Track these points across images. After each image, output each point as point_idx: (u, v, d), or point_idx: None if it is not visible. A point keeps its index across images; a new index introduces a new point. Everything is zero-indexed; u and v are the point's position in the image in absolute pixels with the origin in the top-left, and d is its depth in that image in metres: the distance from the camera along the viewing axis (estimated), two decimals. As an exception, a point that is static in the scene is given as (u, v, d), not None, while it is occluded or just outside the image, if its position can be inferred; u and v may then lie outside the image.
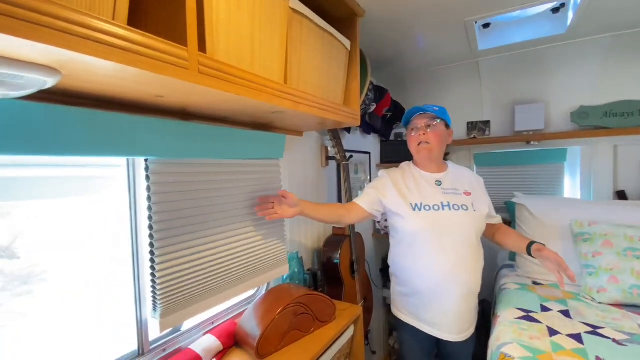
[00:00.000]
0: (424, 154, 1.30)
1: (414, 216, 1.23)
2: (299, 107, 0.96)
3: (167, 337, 1.01)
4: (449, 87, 2.41)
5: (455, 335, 1.24)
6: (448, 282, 1.20)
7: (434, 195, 1.27)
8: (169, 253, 0.91)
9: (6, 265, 0.80)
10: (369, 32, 1.60)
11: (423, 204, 1.25)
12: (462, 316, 1.24)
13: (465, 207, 1.25)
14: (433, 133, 1.27)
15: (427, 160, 1.32)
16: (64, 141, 0.67)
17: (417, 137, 1.29)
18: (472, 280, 1.23)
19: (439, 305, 1.23)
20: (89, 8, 0.50)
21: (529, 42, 1.89)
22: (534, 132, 2.17)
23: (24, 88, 0.53)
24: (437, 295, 1.22)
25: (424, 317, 1.28)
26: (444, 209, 1.23)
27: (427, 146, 1.28)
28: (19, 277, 0.81)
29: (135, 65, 0.53)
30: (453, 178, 1.33)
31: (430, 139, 1.27)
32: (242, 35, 0.78)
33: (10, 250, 0.81)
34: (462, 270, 1.20)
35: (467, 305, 1.24)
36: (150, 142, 0.83)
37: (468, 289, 1.22)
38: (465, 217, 1.23)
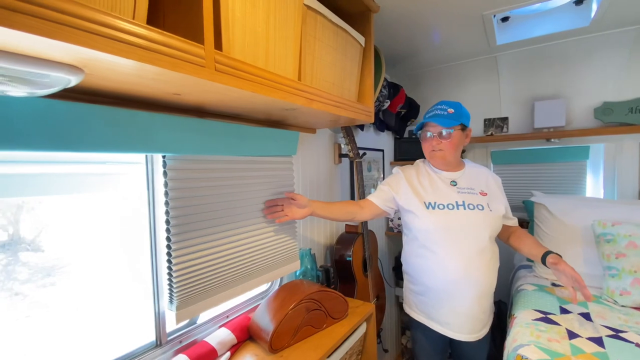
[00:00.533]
0: (437, 160, 1.29)
1: (428, 214, 1.22)
2: (313, 104, 0.96)
3: (183, 330, 1.04)
4: (465, 83, 2.36)
5: (467, 335, 1.23)
6: (461, 282, 1.18)
7: (449, 194, 1.25)
8: (185, 247, 0.93)
9: (31, 257, 0.84)
10: (383, 28, 1.59)
11: (437, 202, 1.23)
12: (476, 316, 1.22)
13: (481, 206, 1.22)
14: (446, 142, 1.23)
15: (441, 165, 1.31)
16: (86, 138, 0.70)
17: (430, 144, 1.26)
18: (487, 280, 1.21)
19: (452, 304, 1.22)
20: (111, 8, 0.52)
21: (550, 36, 1.83)
22: (554, 129, 2.10)
23: (49, 86, 0.55)
24: (450, 295, 1.21)
25: (435, 316, 1.27)
26: (458, 208, 1.21)
27: (440, 153, 1.25)
28: (43, 269, 0.85)
29: (154, 63, 0.54)
30: (469, 177, 1.31)
31: (443, 147, 1.23)
32: (257, 33, 0.79)
33: (35, 244, 0.85)
34: (476, 270, 1.18)
35: (480, 306, 1.22)
36: (168, 139, 0.85)
37: (482, 290, 1.20)
38: (481, 217, 1.21)
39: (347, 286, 1.61)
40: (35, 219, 0.85)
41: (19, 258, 0.82)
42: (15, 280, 0.81)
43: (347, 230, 1.73)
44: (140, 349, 0.93)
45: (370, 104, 1.32)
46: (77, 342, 0.87)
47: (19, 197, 0.80)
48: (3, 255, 0.80)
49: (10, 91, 0.52)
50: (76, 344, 0.87)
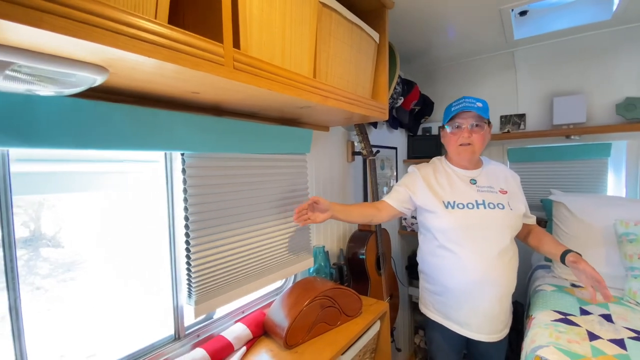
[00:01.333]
0: (465, 155, 1.23)
1: (447, 214, 1.19)
2: (328, 101, 0.96)
3: (201, 324, 1.06)
4: (481, 79, 2.32)
5: (488, 335, 1.21)
6: (482, 282, 1.16)
7: (468, 193, 1.22)
8: (203, 243, 0.95)
9: (52, 253, 0.87)
10: (397, 24, 1.57)
11: (456, 202, 1.20)
12: (497, 317, 1.20)
13: (502, 205, 1.19)
14: (478, 135, 1.18)
15: (466, 162, 1.27)
16: (109, 136, 0.72)
17: (460, 137, 1.21)
18: (507, 280, 1.19)
19: (471, 305, 1.20)
20: (134, 8, 0.53)
21: (569, 30, 1.77)
22: (574, 125, 2.04)
23: (75, 86, 0.57)
24: (470, 296, 1.19)
25: (454, 317, 1.25)
26: (478, 207, 1.18)
27: (470, 148, 1.20)
28: (63, 265, 0.88)
29: (176, 62, 0.55)
30: (488, 175, 1.28)
31: (474, 141, 1.19)
32: (273, 31, 0.79)
33: (56, 240, 0.88)
34: (496, 271, 1.16)
35: (501, 306, 1.20)
36: (186, 137, 0.86)
37: (503, 290, 1.18)
38: (501, 216, 1.18)
39: (361, 284, 1.60)
40: (56, 216, 0.88)
41: (40, 253, 0.85)
42: (36, 275, 0.84)
43: (360, 228, 1.73)
44: (160, 342, 0.95)
45: (384, 101, 1.31)
46: (99, 335, 0.90)
47: (40, 194, 0.83)
48: (25, 251, 0.83)
49: (39, 90, 0.54)
50: (98, 336, 0.90)
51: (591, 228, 1.65)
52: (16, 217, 0.73)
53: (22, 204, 0.81)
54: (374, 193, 1.71)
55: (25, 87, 0.52)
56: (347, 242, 1.69)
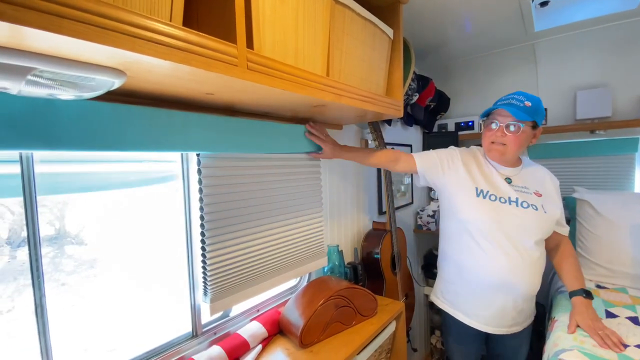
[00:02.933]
0: (494, 154, 1.18)
1: (476, 203, 1.14)
2: (342, 99, 0.95)
3: (217, 322, 1.08)
4: (499, 73, 2.25)
5: (495, 328, 1.18)
6: (501, 282, 1.12)
7: (504, 188, 1.16)
8: (219, 242, 0.96)
9: (76, 250, 0.90)
10: (412, 18, 1.54)
11: (490, 192, 1.15)
12: (508, 313, 1.16)
13: (535, 206, 1.13)
14: (513, 137, 1.10)
15: (497, 161, 1.21)
16: (127, 137, 0.73)
17: (493, 135, 1.14)
18: (528, 285, 1.14)
19: (485, 300, 1.17)
20: (150, 11, 0.54)
21: (593, 20, 1.69)
22: (599, 119, 1.96)
23: (95, 89, 0.58)
24: (485, 292, 1.16)
25: (462, 307, 1.23)
26: (511, 204, 1.13)
27: (500, 147, 1.14)
28: (86, 262, 0.91)
29: (190, 64, 0.56)
30: (525, 176, 1.21)
31: (507, 142, 1.11)
32: (286, 29, 0.79)
33: (79, 238, 0.91)
34: (519, 272, 1.11)
35: (515, 307, 1.16)
36: (201, 138, 0.87)
37: (522, 292, 1.14)
38: (534, 218, 1.12)
39: (376, 284, 1.59)
40: (79, 215, 0.91)
41: (65, 251, 0.88)
42: (61, 272, 0.87)
43: (375, 228, 1.71)
44: (178, 339, 0.97)
45: (399, 98, 1.28)
46: (120, 330, 0.92)
47: (62, 194, 0.86)
48: (51, 248, 0.86)
49: (60, 95, 0.56)
50: (119, 332, 0.92)
51: (617, 227, 1.58)
52: (42, 216, 0.76)
53: (48, 203, 0.84)
54: (389, 191, 1.68)
55: (46, 91, 0.53)
56: (361, 241, 1.68)
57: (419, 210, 2.36)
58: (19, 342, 0.76)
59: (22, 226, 0.72)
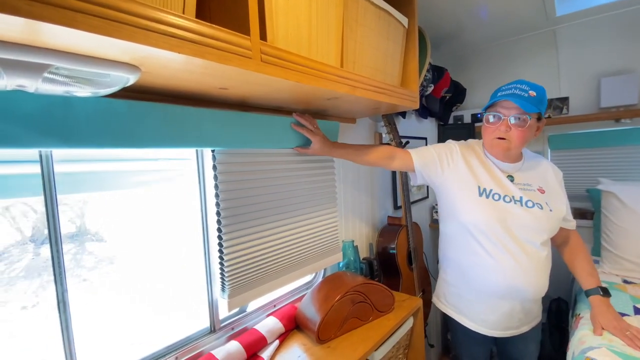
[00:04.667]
0: (497, 150, 1.08)
1: (478, 203, 1.06)
2: (356, 91, 0.93)
3: (234, 317, 1.08)
4: (517, 61, 2.17)
5: (501, 331, 1.13)
6: (507, 285, 1.05)
7: (507, 186, 1.08)
8: (235, 238, 0.96)
9: (96, 247, 0.91)
10: (426, 6, 1.49)
11: (493, 191, 1.07)
12: (516, 315, 1.10)
13: (540, 205, 1.05)
14: (517, 131, 1.00)
15: (500, 157, 1.11)
16: (143, 134, 0.73)
17: (497, 129, 1.04)
18: (537, 286, 1.07)
19: (491, 305, 1.10)
20: (163, 3, 0.53)
21: (618, 3, 1.60)
22: (624, 107, 1.86)
23: (110, 86, 0.58)
24: (491, 295, 1.09)
25: (466, 311, 1.17)
26: (516, 203, 1.05)
27: (504, 143, 1.04)
28: (106, 258, 0.92)
29: (204, 57, 0.55)
30: (527, 171, 1.13)
31: (511, 137, 1.02)
32: (299, 20, 0.77)
33: (99, 235, 0.92)
34: (526, 275, 1.04)
35: (523, 308, 1.10)
36: (216, 133, 0.87)
37: (529, 295, 1.07)
38: (540, 217, 1.04)
39: (392, 279, 1.57)
40: (98, 213, 0.92)
41: (86, 248, 0.90)
42: (83, 268, 0.88)
43: (390, 223, 1.69)
44: (197, 334, 0.97)
45: (414, 89, 1.25)
46: (140, 325, 0.94)
47: (81, 193, 0.87)
48: (72, 245, 0.87)
49: (76, 92, 0.56)
50: (140, 326, 0.93)
51: (646, 220, 1.51)
52: (63, 214, 0.77)
53: (69, 201, 0.86)
54: (404, 186, 1.65)
55: (63, 88, 0.53)
56: (376, 236, 1.66)
57: (434, 204, 2.32)
58: (43, 335, 0.78)
59: (45, 224, 0.74)
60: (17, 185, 0.76)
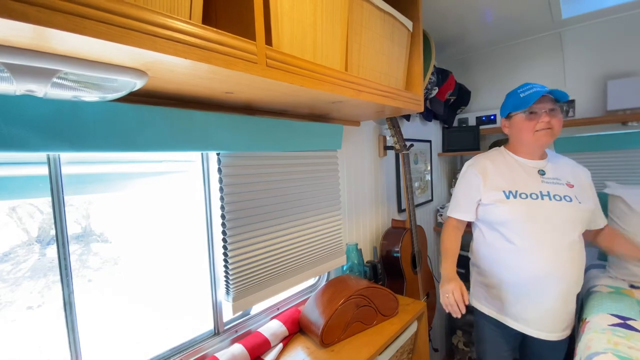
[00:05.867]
0: (544, 140, 1.15)
1: (507, 204, 1.14)
2: (361, 95, 0.93)
3: (238, 320, 1.08)
4: (522, 64, 2.15)
5: (549, 333, 1.14)
6: (546, 278, 1.10)
7: (532, 184, 1.16)
8: (240, 241, 0.97)
9: (101, 248, 0.92)
10: (430, 9, 1.49)
11: (518, 191, 1.15)
12: (560, 315, 1.13)
13: (569, 197, 1.12)
14: (556, 119, 1.13)
15: (543, 148, 1.21)
16: (150, 138, 0.74)
17: (538, 123, 1.13)
18: (573, 278, 1.11)
19: (532, 300, 1.14)
20: (170, 9, 0.53)
21: (626, 6, 1.59)
22: (632, 110, 1.84)
23: (117, 90, 0.58)
24: (531, 291, 1.13)
25: (510, 312, 1.19)
26: (543, 198, 1.12)
27: (550, 132, 1.14)
28: (111, 259, 0.93)
29: (210, 62, 0.55)
30: (555, 167, 1.21)
31: (553, 125, 1.13)
32: (304, 24, 0.77)
33: (104, 236, 0.93)
34: (562, 266, 1.09)
35: (565, 305, 1.12)
36: (221, 137, 0.87)
37: (568, 287, 1.11)
38: (569, 209, 1.11)
39: (396, 283, 1.56)
40: (104, 214, 0.93)
41: (91, 248, 0.91)
42: (88, 268, 0.89)
43: (394, 226, 1.68)
44: (201, 337, 0.98)
45: (419, 92, 1.25)
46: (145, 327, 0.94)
47: (88, 194, 0.88)
48: (78, 246, 0.88)
49: (84, 96, 0.56)
50: (145, 328, 0.94)
51: (654, 224, 1.48)
52: (69, 215, 0.78)
53: (74, 202, 0.86)
54: (408, 189, 1.65)
55: (71, 93, 0.54)
56: (380, 239, 1.65)
57: (439, 207, 2.31)
58: (48, 335, 0.79)
59: (51, 225, 0.75)
60: (23, 186, 0.77)
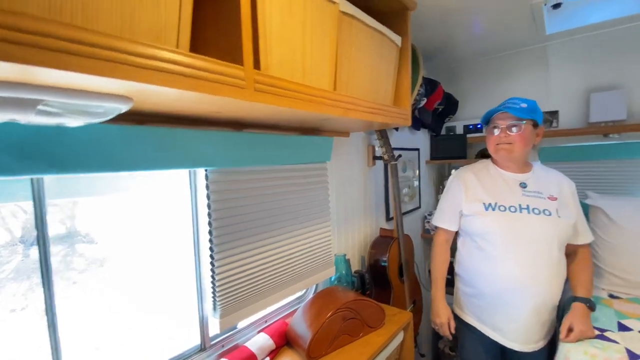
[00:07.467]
0: (502, 154, 1.22)
1: (486, 216, 1.18)
2: (349, 113, 0.94)
3: (225, 334, 1.08)
4: (509, 75, 2.20)
5: (520, 344, 1.17)
6: (519, 290, 1.13)
7: (512, 196, 1.19)
8: (227, 257, 0.97)
9: (87, 249, 0.90)
10: (419, 22, 1.51)
11: (498, 203, 1.18)
12: (532, 327, 1.16)
13: (548, 212, 1.15)
14: (517, 135, 1.16)
15: (506, 161, 1.24)
16: (136, 158, 0.73)
17: (497, 137, 1.20)
18: (547, 292, 1.14)
19: (506, 312, 1.17)
20: (156, 38, 0.53)
21: (607, 23, 1.65)
22: (613, 123, 1.90)
23: (104, 116, 0.58)
24: (505, 302, 1.16)
25: (488, 321, 1.23)
26: (521, 211, 1.15)
27: (507, 147, 1.19)
28: (96, 260, 0.91)
29: (197, 89, 0.55)
30: (538, 180, 1.24)
31: (512, 140, 1.17)
32: (293, 46, 0.78)
33: (90, 237, 0.91)
34: (536, 279, 1.12)
35: (538, 317, 1.15)
36: (209, 153, 0.87)
37: (541, 301, 1.13)
38: (547, 223, 1.13)
39: (383, 292, 1.58)
40: (89, 215, 0.91)
41: (76, 250, 0.88)
42: (73, 270, 0.87)
43: (382, 235, 1.70)
44: (187, 352, 0.97)
45: (407, 107, 1.27)
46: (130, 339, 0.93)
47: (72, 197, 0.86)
48: (62, 247, 0.86)
49: (69, 122, 0.56)
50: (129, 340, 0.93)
51: (633, 235, 1.53)
52: (54, 215, 0.77)
53: (59, 202, 0.84)
54: (396, 198, 1.67)
55: (56, 120, 0.53)
56: (368, 248, 1.67)
57: (426, 214, 2.34)
58: (31, 339, 0.77)
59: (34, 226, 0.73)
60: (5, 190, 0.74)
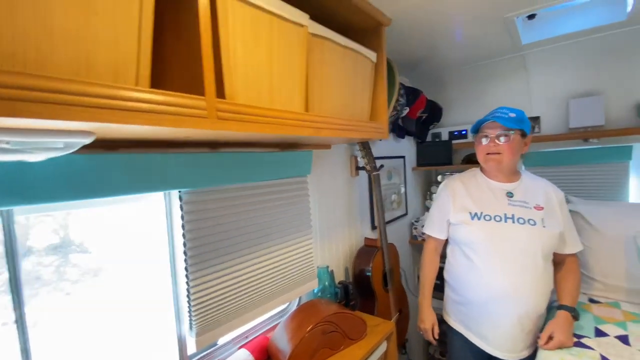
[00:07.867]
0: (491, 164, 1.23)
1: (471, 225, 1.21)
2: (321, 132, 0.96)
3: (204, 351, 1.09)
4: (491, 82, 2.24)
5: (505, 353, 1.19)
6: (503, 299, 1.15)
7: (498, 206, 1.22)
8: (203, 276, 0.97)
9: (81, 259, 0.90)
10: (398, 36, 1.53)
11: (483, 213, 1.21)
12: (516, 336, 1.18)
13: (533, 221, 1.17)
14: (505, 145, 1.18)
15: (495, 171, 1.26)
16: (105, 184, 0.75)
17: (487, 147, 1.22)
18: (532, 301, 1.15)
19: (492, 320, 1.19)
20: (114, 77, 0.55)
21: (583, 32, 1.68)
22: (592, 128, 1.94)
23: (66, 150, 0.59)
24: (490, 311, 1.19)
25: (474, 328, 1.26)
26: (506, 221, 1.18)
27: (496, 157, 1.20)
28: (90, 271, 0.92)
29: (157, 124, 0.57)
30: (525, 189, 1.25)
31: (501, 150, 1.18)
32: (260, 72, 0.79)
33: (83, 246, 0.91)
34: (520, 289, 1.14)
35: (522, 327, 1.17)
36: (182, 175, 0.88)
37: (525, 310, 1.15)
38: (531, 233, 1.15)
39: (368, 302, 1.60)
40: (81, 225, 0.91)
41: (70, 260, 0.89)
42: (67, 281, 0.87)
43: (366, 244, 1.72)
44: (165, 372, 0.98)
45: (384, 121, 1.29)
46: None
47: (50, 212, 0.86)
48: (55, 257, 0.86)
49: (30, 159, 0.57)
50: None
51: (611, 240, 1.56)
52: (46, 225, 0.78)
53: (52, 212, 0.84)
54: (380, 207, 1.69)
55: (15, 157, 0.55)
56: (353, 258, 1.69)
57: (413, 220, 2.37)
58: None
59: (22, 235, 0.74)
60: None
